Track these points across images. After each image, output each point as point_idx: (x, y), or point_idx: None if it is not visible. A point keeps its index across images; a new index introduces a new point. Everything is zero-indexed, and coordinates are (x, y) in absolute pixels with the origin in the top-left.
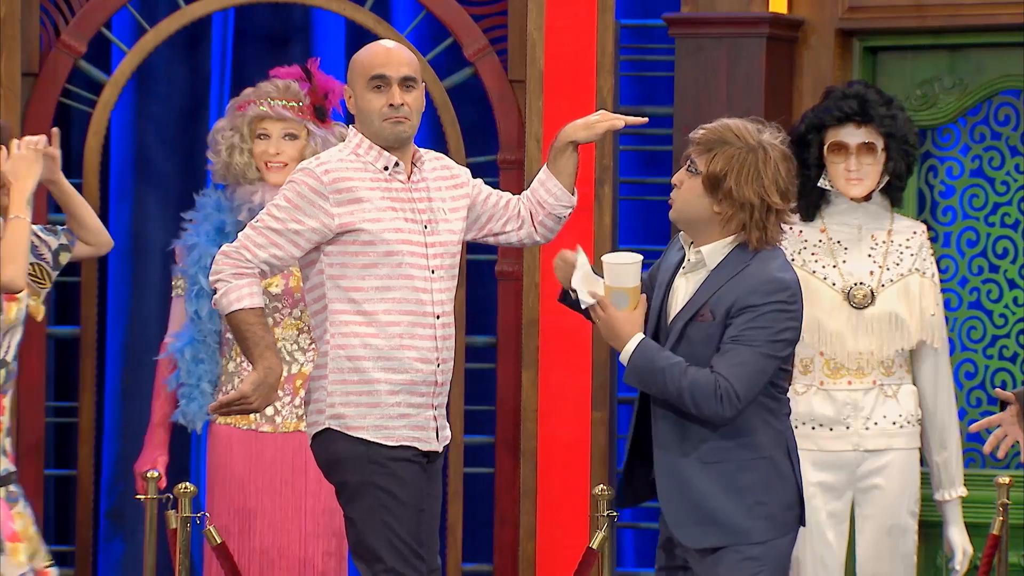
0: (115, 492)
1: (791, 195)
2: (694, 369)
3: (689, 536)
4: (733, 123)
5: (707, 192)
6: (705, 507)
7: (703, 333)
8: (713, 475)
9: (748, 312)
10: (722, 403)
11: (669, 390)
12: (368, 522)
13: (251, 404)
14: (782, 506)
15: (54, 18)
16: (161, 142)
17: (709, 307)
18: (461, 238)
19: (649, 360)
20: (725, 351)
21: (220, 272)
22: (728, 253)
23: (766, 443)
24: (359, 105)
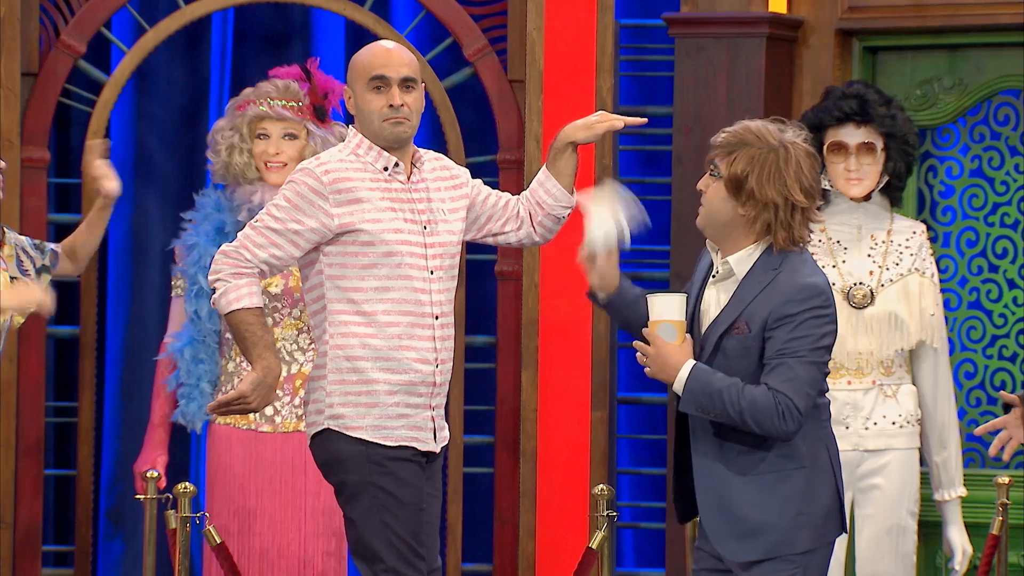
0: (115, 492)
1: (816, 193)
2: (750, 388)
3: (731, 550)
4: (754, 124)
5: (730, 195)
6: (746, 520)
7: (740, 346)
8: (753, 487)
9: (787, 323)
10: (785, 420)
11: (729, 413)
12: (368, 522)
13: (250, 404)
14: (823, 514)
15: (54, 18)
16: (161, 142)
17: (744, 319)
18: (460, 239)
19: (705, 384)
20: (774, 366)
21: (219, 272)
22: (756, 261)
23: (805, 451)
24: (359, 105)
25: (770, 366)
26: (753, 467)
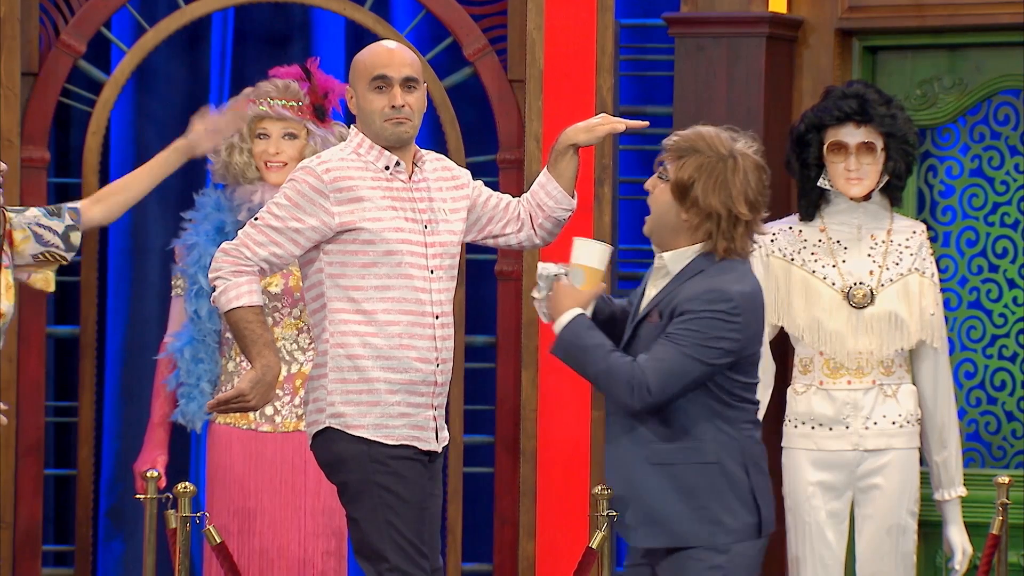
0: (115, 492)
1: (761, 206)
2: (617, 355)
3: (635, 536)
4: (706, 131)
5: (675, 199)
6: (651, 508)
7: (650, 333)
8: (660, 476)
9: (685, 316)
10: (633, 393)
11: (588, 370)
12: (371, 521)
13: (249, 402)
14: (729, 513)
15: (54, 18)
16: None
17: (658, 309)
18: (461, 239)
19: (577, 336)
20: (652, 347)
21: (219, 270)
22: (691, 260)
23: (714, 449)
24: (361, 105)
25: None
26: (661, 457)
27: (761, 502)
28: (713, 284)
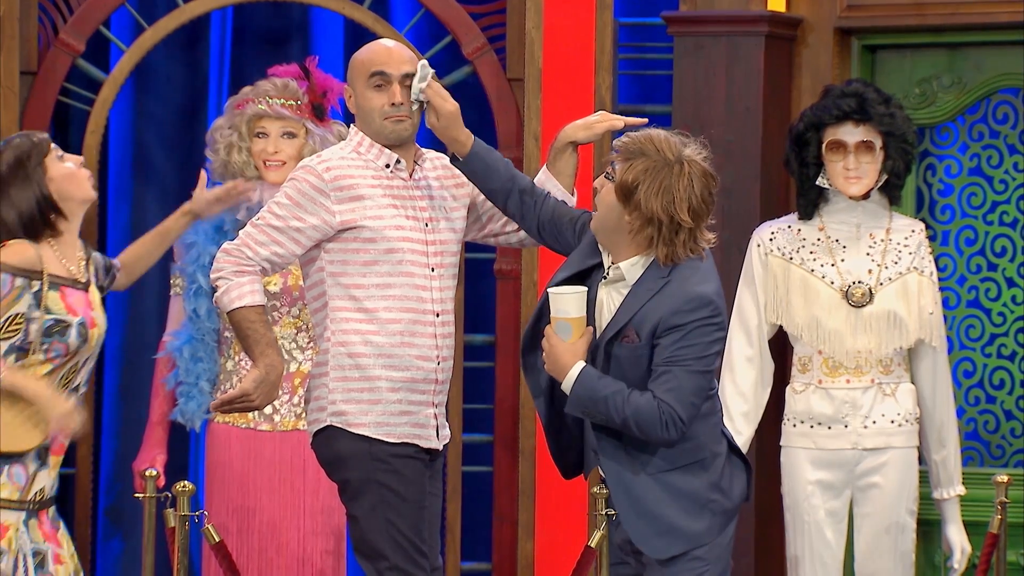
0: (114, 491)
1: (704, 214)
2: (635, 395)
3: (654, 548)
4: (656, 134)
5: (619, 201)
6: (663, 518)
7: (631, 354)
8: (660, 486)
9: (674, 332)
10: (667, 428)
11: (614, 419)
12: (371, 519)
13: (252, 402)
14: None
15: (52, 17)
16: (160, 140)
17: (633, 328)
18: (462, 237)
19: (591, 390)
20: (660, 374)
21: (221, 270)
22: (647, 268)
23: (707, 442)
24: (360, 103)
25: (656, 373)
26: (656, 467)
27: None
28: (687, 293)
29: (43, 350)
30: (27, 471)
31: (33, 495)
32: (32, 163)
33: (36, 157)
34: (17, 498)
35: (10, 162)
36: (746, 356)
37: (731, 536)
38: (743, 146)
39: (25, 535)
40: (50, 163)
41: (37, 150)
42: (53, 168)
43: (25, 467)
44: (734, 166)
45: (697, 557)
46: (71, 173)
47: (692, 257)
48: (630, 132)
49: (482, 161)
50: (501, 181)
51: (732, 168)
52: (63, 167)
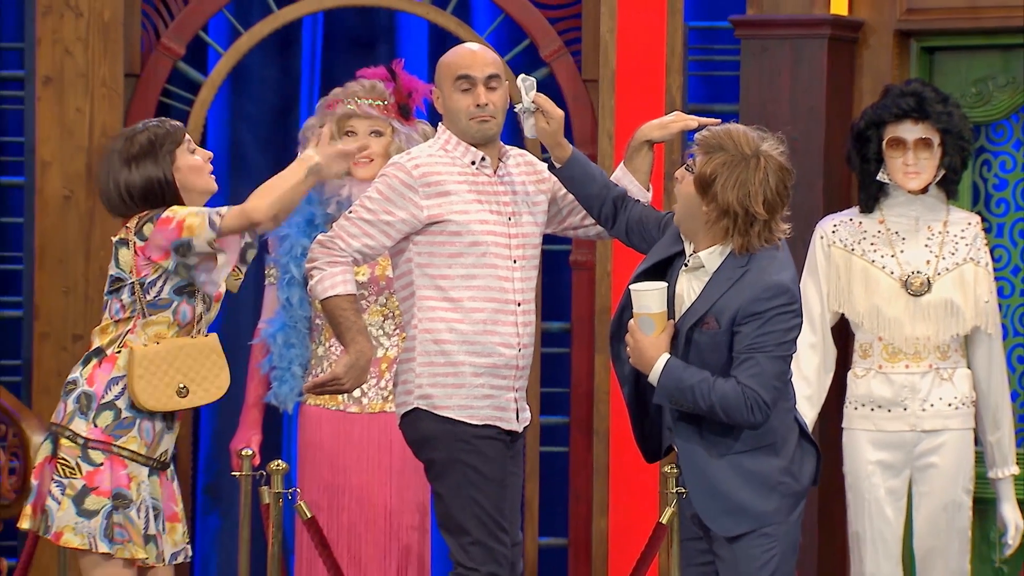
0: (212, 470)
1: (779, 206)
2: (720, 383)
3: (722, 526)
4: (735, 129)
5: (697, 192)
6: (732, 497)
7: (711, 340)
8: (732, 467)
9: (754, 320)
10: (753, 412)
11: (700, 406)
12: (455, 497)
13: (343, 385)
14: (803, 479)
15: (155, 22)
16: (255, 139)
17: (713, 315)
18: (542, 230)
19: (677, 380)
20: (742, 361)
21: (315, 260)
22: (725, 257)
23: (778, 426)
24: (446, 104)
25: (739, 360)
26: (729, 448)
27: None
28: (765, 281)
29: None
30: (155, 429)
31: (159, 455)
32: (164, 149)
33: (169, 144)
34: (144, 453)
35: (143, 143)
36: (810, 343)
37: (800, 517)
38: (807, 144)
39: (147, 490)
40: (180, 153)
41: (171, 138)
42: (182, 158)
43: (154, 426)
44: (798, 163)
45: (765, 534)
46: (197, 166)
47: (768, 247)
48: (709, 127)
49: (581, 167)
50: (597, 187)
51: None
52: (191, 159)
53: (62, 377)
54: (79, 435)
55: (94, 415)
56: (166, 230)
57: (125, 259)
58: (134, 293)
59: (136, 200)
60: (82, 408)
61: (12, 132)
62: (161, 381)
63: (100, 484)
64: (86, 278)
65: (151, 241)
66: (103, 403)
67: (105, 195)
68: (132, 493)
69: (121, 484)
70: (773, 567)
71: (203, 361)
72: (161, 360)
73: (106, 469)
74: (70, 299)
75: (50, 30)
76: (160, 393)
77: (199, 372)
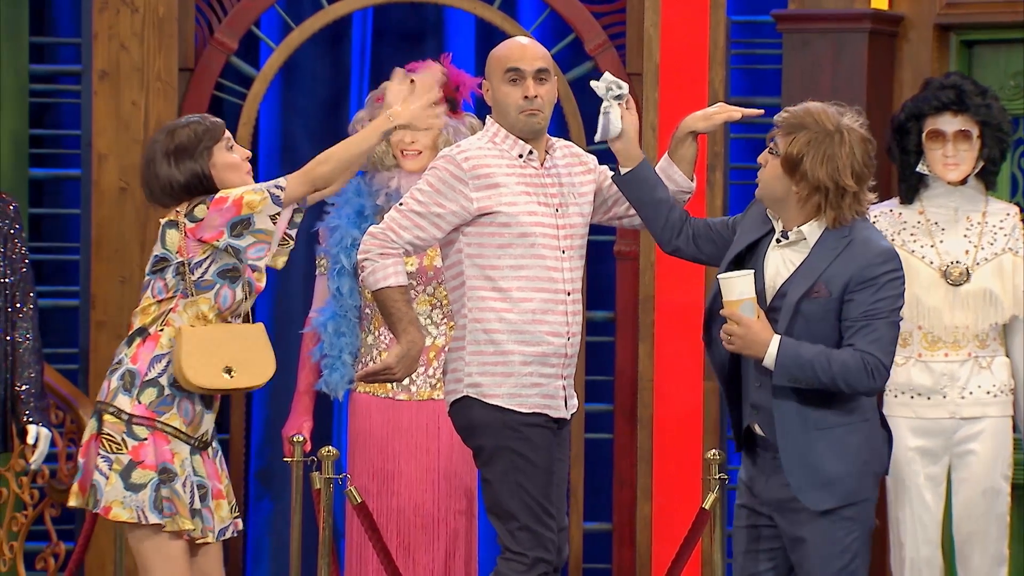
0: (264, 455)
1: (866, 177)
2: (837, 353)
3: (814, 499)
4: (814, 107)
5: (786, 173)
6: (825, 470)
7: (821, 309)
8: (828, 440)
9: (869, 286)
10: (874, 378)
11: (821, 379)
12: (504, 483)
13: (395, 374)
14: (883, 462)
15: (208, 17)
16: (305, 132)
17: (823, 283)
18: (589, 220)
19: (795, 356)
20: (859, 328)
21: (368, 252)
22: (823, 231)
23: (867, 405)
24: (496, 97)
25: (854, 328)
26: (827, 421)
27: (885, 452)
28: (875, 248)
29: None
30: (194, 409)
31: (200, 434)
32: (202, 145)
33: (208, 140)
34: (186, 431)
35: (182, 139)
36: None
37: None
38: None
39: (190, 467)
40: (218, 149)
41: (210, 134)
42: (219, 155)
43: (193, 405)
44: None
45: (849, 518)
46: (234, 163)
47: (858, 218)
48: (787, 108)
49: (653, 171)
50: (667, 193)
51: None
52: (229, 156)
53: None
54: (123, 411)
55: (138, 392)
56: (221, 209)
57: (172, 240)
58: (179, 273)
59: (178, 193)
60: (126, 385)
61: (69, 125)
62: (209, 361)
63: (146, 458)
64: (141, 268)
65: (205, 221)
66: (147, 380)
67: (148, 187)
68: (176, 468)
69: (166, 459)
70: (854, 551)
71: (251, 346)
72: (210, 340)
73: (150, 444)
74: (126, 288)
75: (106, 25)
76: (208, 371)
77: (246, 356)
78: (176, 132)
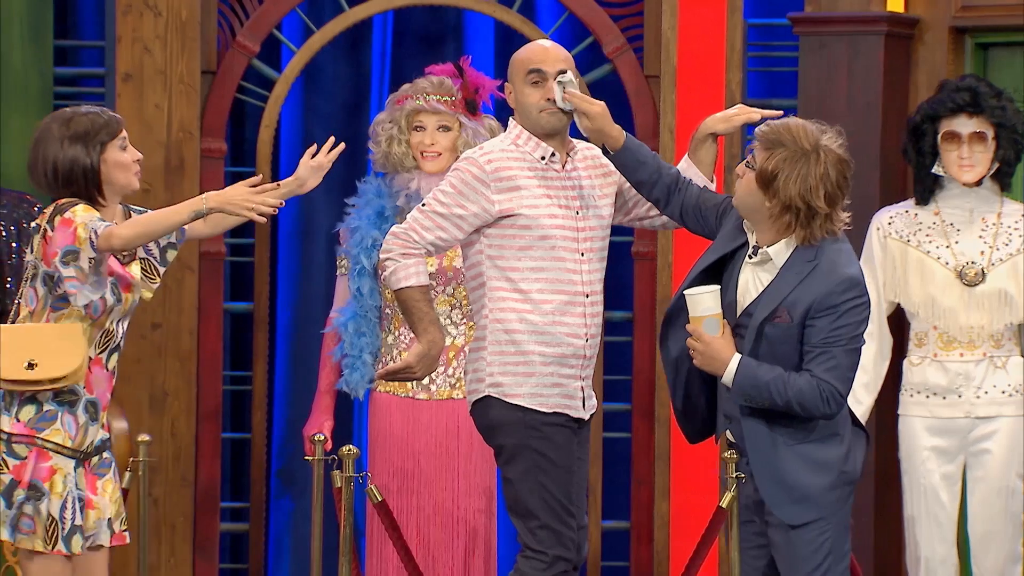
0: (285, 454)
1: (839, 199)
2: (794, 378)
3: (789, 514)
4: (794, 124)
5: (760, 188)
6: (799, 486)
7: (783, 333)
8: (800, 456)
9: (829, 314)
10: (829, 405)
11: (777, 402)
12: (524, 482)
13: (415, 373)
14: (857, 473)
15: (230, 21)
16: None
17: (785, 309)
18: (610, 223)
19: (752, 378)
20: (816, 355)
21: (390, 251)
22: (793, 251)
23: (840, 416)
24: (518, 99)
25: (813, 354)
26: (795, 438)
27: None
28: (838, 275)
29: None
30: (78, 423)
31: (86, 446)
32: (98, 137)
33: (104, 135)
34: (70, 446)
35: (78, 127)
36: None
37: (851, 504)
38: (863, 138)
39: (73, 480)
40: (111, 146)
41: (108, 129)
42: (112, 152)
43: (76, 419)
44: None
45: (822, 525)
46: (125, 163)
47: (828, 238)
48: (769, 122)
49: (632, 155)
50: (648, 172)
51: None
52: (120, 154)
53: (141, 364)
54: (2, 431)
55: (16, 410)
56: (64, 232)
57: (37, 247)
58: (46, 284)
59: (59, 181)
60: (6, 405)
61: None
62: (14, 355)
63: (24, 477)
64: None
65: (54, 236)
66: (24, 397)
67: (31, 168)
68: (47, 486)
69: (39, 476)
70: (828, 548)
71: (58, 339)
72: (20, 336)
73: (30, 461)
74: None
75: (130, 29)
76: (9, 365)
77: (50, 349)
78: (74, 119)
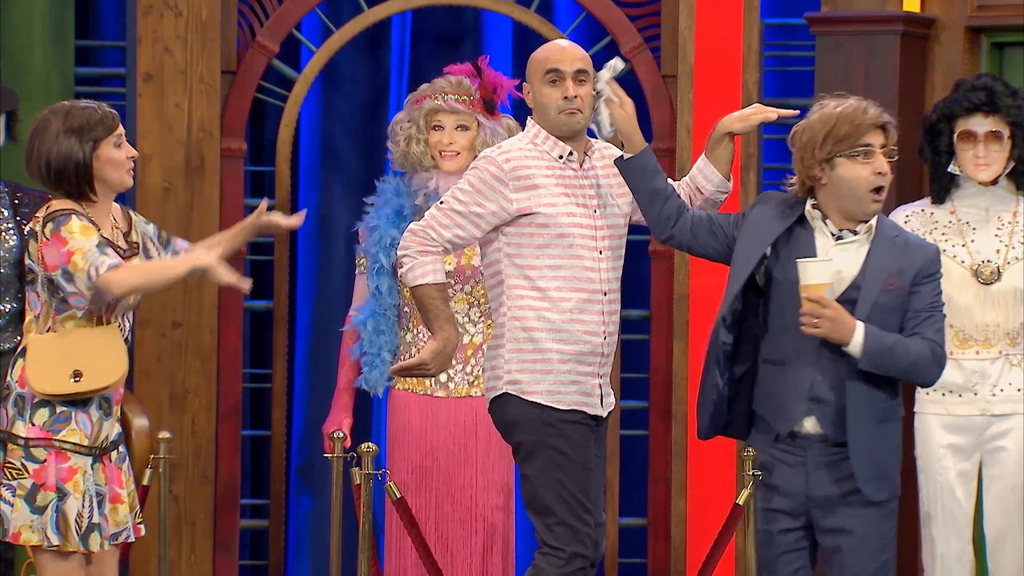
0: (305, 451)
1: None
2: (912, 340)
3: (871, 490)
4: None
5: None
6: (884, 462)
7: (895, 301)
8: (885, 432)
9: (931, 280)
10: (940, 366)
11: (899, 365)
12: (542, 479)
13: (429, 370)
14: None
15: (250, 21)
16: (345, 133)
17: (895, 276)
18: (627, 221)
19: (879, 342)
20: (924, 318)
21: (408, 249)
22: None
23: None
24: (536, 99)
25: (920, 318)
26: (886, 415)
27: None
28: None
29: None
30: (92, 420)
31: (100, 442)
32: (91, 134)
33: (100, 130)
34: (87, 444)
35: (75, 121)
36: None
37: None
38: None
39: (91, 478)
40: (106, 142)
41: (103, 125)
42: (104, 148)
43: (90, 416)
44: None
45: (892, 511)
46: (118, 160)
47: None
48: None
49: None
50: (664, 183)
51: None
52: (114, 152)
53: (162, 362)
54: (19, 436)
55: (31, 414)
56: (59, 251)
57: (35, 252)
58: (47, 288)
59: (51, 175)
60: (20, 410)
61: None
62: (56, 367)
63: (47, 479)
64: None
65: (50, 250)
66: (36, 401)
67: (28, 160)
68: (70, 487)
69: (62, 478)
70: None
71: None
72: (56, 347)
73: (51, 464)
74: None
75: (150, 29)
76: (54, 378)
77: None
78: (71, 113)
